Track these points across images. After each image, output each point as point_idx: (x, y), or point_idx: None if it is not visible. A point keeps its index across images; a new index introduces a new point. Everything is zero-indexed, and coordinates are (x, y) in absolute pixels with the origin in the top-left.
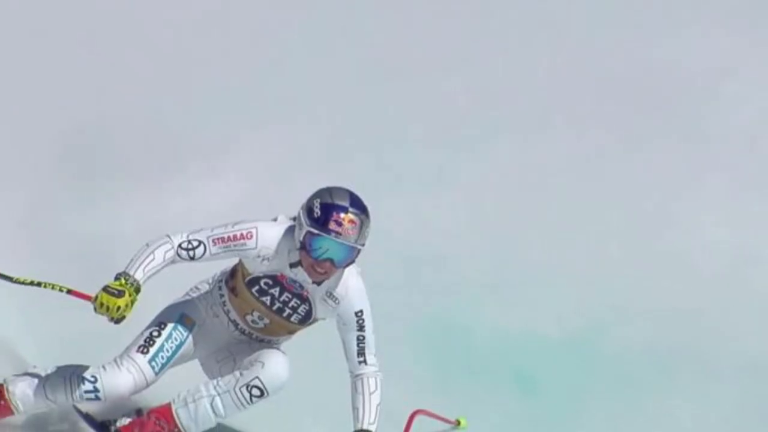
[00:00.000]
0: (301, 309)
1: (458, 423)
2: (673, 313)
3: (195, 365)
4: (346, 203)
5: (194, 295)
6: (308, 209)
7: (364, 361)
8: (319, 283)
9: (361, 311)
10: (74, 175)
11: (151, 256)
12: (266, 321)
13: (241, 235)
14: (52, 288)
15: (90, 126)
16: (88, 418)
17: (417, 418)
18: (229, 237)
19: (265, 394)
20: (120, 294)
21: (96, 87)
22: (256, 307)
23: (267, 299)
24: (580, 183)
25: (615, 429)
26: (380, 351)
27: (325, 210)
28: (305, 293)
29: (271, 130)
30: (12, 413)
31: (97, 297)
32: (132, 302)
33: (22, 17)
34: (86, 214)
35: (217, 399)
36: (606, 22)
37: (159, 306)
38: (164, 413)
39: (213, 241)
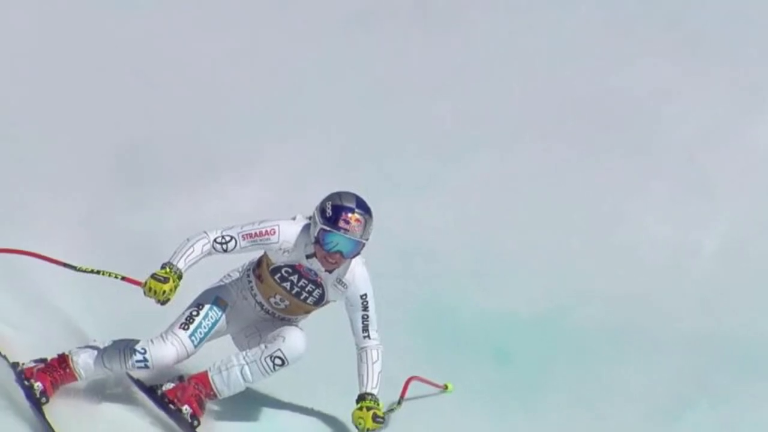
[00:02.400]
0: (316, 293)
1: (446, 387)
2: (625, 296)
3: (227, 339)
4: (352, 205)
5: (227, 281)
6: (321, 210)
7: (368, 336)
8: (330, 271)
9: (366, 294)
10: (126, 182)
11: (191, 249)
12: (286, 303)
13: (266, 231)
14: (109, 275)
15: (139, 141)
16: (138, 383)
17: (412, 383)
18: (256, 233)
19: (286, 363)
20: (165, 280)
21: (144, 109)
22: (278, 291)
23: (287, 285)
24: (547, 188)
25: (576, 393)
26: (381, 328)
27: (335, 210)
28: (319, 280)
29: (290, 144)
30: (76, 379)
31: (146, 283)
32: (175, 287)
33: (85, 52)
34: (136, 215)
35: (246, 367)
36: (569, 55)
37: (197, 290)
38: (202, 379)
39: (243, 236)
